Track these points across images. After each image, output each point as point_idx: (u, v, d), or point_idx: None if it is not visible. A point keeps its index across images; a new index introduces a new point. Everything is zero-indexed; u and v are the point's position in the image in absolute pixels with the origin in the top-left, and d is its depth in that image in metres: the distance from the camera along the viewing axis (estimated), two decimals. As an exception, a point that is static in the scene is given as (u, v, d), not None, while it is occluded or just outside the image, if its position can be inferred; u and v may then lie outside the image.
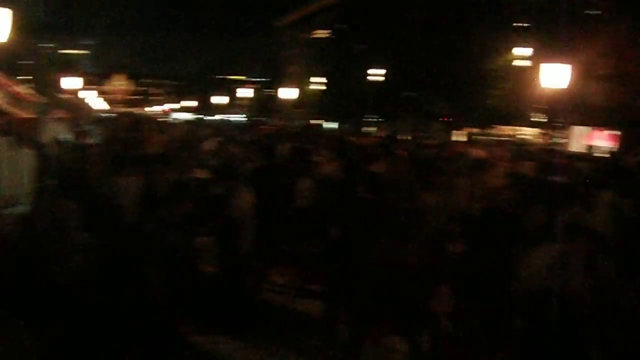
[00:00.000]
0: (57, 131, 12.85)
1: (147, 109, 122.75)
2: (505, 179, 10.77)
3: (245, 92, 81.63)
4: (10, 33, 20.00)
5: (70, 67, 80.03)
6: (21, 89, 14.77)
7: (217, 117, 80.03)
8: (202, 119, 70.47)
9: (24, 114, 9.69)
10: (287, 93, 39.67)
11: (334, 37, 49.06)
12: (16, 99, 12.85)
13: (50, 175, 8.97)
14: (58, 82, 35.19)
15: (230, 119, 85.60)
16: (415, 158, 13.49)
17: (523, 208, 7.87)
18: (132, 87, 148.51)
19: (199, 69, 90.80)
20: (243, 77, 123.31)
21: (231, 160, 11.57)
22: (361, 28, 40.01)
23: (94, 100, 76.26)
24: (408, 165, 11.81)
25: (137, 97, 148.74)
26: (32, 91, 15.23)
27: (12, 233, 7.32)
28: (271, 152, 12.89)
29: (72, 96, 30.65)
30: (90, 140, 16.37)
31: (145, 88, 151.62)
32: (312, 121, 47.95)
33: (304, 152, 12.45)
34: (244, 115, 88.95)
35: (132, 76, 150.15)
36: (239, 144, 15.05)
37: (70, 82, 32.94)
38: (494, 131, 38.33)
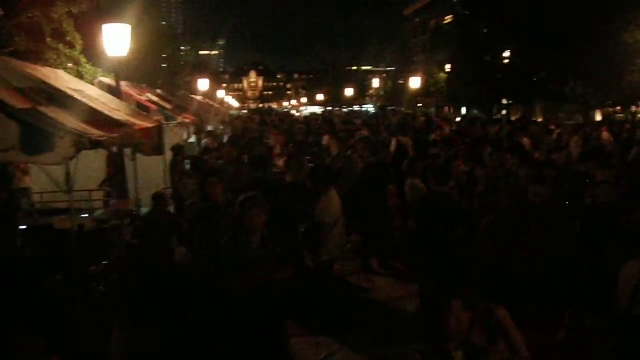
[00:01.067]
0: (180, 136, 13.16)
1: (284, 104, 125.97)
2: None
3: (375, 83, 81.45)
4: (136, 45, 20.94)
5: (204, 68, 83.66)
6: (148, 97, 15.18)
7: (347, 109, 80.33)
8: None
9: (146, 124, 9.77)
10: (414, 82, 38.88)
11: (456, 22, 47.53)
12: (141, 109, 13.18)
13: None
14: (192, 85, 36.50)
15: (361, 109, 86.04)
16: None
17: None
18: (264, 84, 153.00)
19: (329, 62, 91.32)
20: (371, 67, 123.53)
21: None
22: (485, 11, 38.31)
23: (228, 99, 78.95)
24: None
25: (270, 92, 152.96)
26: (158, 99, 15.62)
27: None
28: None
29: (202, 98, 31.47)
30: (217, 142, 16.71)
31: (276, 84, 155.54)
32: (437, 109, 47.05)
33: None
34: (373, 106, 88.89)
35: (264, 73, 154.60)
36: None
37: (202, 84, 34.00)
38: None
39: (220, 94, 55.05)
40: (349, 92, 67.19)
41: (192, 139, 16.14)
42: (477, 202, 8.95)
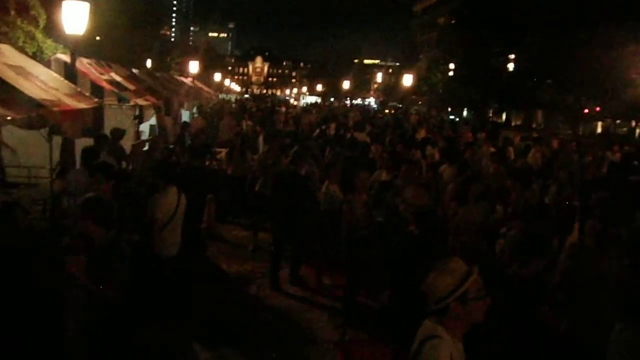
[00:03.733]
0: (123, 119, 13.08)
1: (286, 92, 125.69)
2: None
3: (378, 77, 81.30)
4: (110, 21, 20.82)
5: (209, 50, 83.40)
6: (111, 77, 15.04)
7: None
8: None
9: (80, 104, 9.69)
10: (407, 79, 38.63)
11: (458, 22, 47.24)
12: (94, 88, 13.08)
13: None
14: (183, 66, 36.23)
15: (363, 103, 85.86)
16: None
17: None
18: (269, 70, 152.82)
19: (335, 52, 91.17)
20: (377, 61, 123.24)
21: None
22: (489, 14, 37.99)
23: (227, 83, 78.72)
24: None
25: (274, 79, 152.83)
26: (123, 79, 15.46)
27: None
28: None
29: (191, 80, 31.26)
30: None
31: (281, 70, 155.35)
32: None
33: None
34: (372, 100, 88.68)
35: (270, 58, 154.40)
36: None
37: (192, 66, 33.70)
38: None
39: (217, 77, 54.71)
40: (346, 84, 66.90)
41: (150, 122, 16.02)
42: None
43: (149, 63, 31.02)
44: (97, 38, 19.67)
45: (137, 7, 25.67)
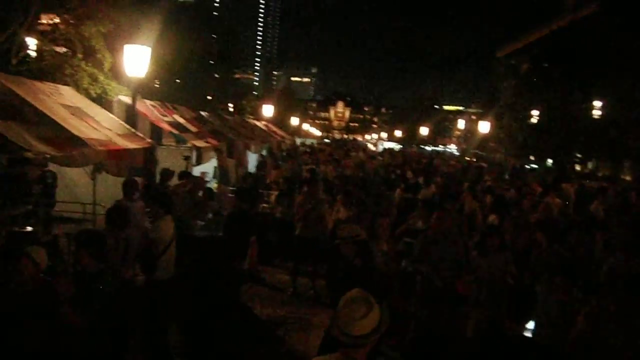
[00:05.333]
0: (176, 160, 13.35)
1: (366, 137, 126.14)
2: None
3: (460, 124, 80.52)
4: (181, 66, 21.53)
5: (289, 95, 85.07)
6: (174, 119, 15.48)
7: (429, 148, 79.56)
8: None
9: (131, 144, 9.98)
10: (483, 126, 38.03)
11: (538, 69, 46.35)
12: (154, 129, 13.46)
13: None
14: (258, 110, 36.94)
15: (444, 150, 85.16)
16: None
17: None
18: (350, 115, 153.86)
19: (415, 98, 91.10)
20: (460, 108, 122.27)
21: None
22: (575, 62, 37.18)
23: (307, 127, 79.71)
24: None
25: (356, 124, 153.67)
26: (186, 121, 15.88)
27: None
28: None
29: (264, 124, 31.82)
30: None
31: (362, 116, 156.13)
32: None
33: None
34: (454, 147, 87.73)
35: (352, 104, 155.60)
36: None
37: (267, 110, 34.30)
38: None
39: (294, 121, 55.48)
40: (424, 130, 66.45)
41: (208, 163, 16.26)
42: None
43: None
44: (157, 81, 20.25)
45: (210, 53, 26.51)
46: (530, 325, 5.46)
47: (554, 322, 5.49)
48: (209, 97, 30.20)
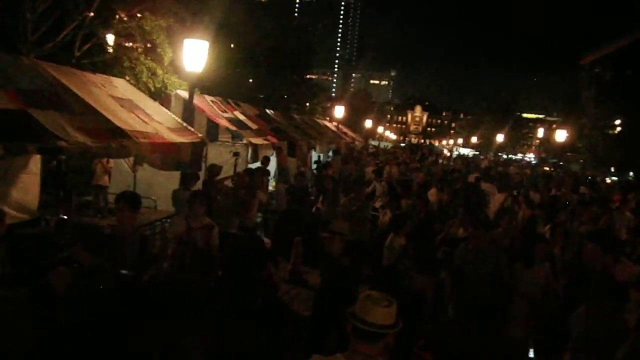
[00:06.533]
0: (244, 156, 13.12)
1: (443, 142, 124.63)
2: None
3: (540, 132, 78.19)
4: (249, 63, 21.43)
5: (364, 96, 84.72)
6: (235, 115, 15.33)
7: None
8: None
9: (180, 138, 9.81)
10: (560, 135, 36.49)
11: (627, 78, 44.43)
12: (210, 125, 13.31)
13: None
14: (329, 111, 36.71)
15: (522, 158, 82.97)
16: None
17: None
18: (428, 119, 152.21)
19: (492, 104, 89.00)
20: (540, 116, 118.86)
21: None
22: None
23: (381, 131, 78.96)
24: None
25: (433, 129, 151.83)
26: (247, 118, 15.74)
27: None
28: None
29: (334, 124, 31.55)
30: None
31: (440, 120, 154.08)
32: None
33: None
34: (533, 157, 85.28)
35: (429, 108, 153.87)
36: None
37: (338, 111, 33.96)
38: None
39: (368, 123, 55.01)
40: (500, 137, 64.70)
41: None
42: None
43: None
44: (223, 78, 20.22)
45: (282, 52, 26.40)
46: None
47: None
48: (284, 96, 30.21)
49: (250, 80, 23.78)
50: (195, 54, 12.10)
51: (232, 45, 20.16)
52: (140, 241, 6.16)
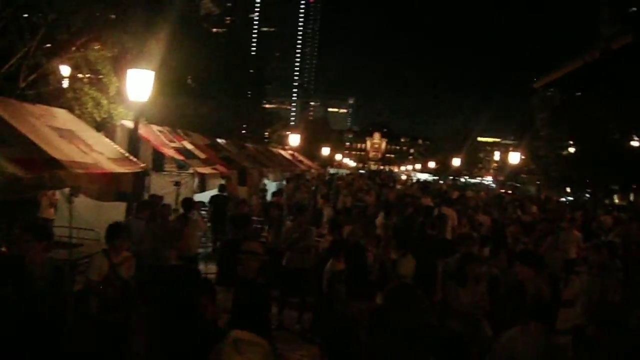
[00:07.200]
0: (190, 186, 13.03)
1: (402, 168, 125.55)
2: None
3: (496, 155, 79.68)
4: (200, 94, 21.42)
5: (322, 124, 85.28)
6: (182, 145, 15.26)
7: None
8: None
9: (120, 169, 9.70)
10: (513, 157, 37.25)
11: (578, 101, 45.53)
12: (156, 155, 13.23)
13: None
14: (284, 139, 36.80)
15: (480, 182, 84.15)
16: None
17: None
18: (387, 146, 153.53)
19: (449, 129, 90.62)
20: (497, 139, 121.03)
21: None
22: (610, 94, 36.35)
23: (340, 158, 79.25)
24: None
25: (392, 155, 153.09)
26: (195, 147, 15.68)
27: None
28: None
29: (289, 153, 31.61)
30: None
31: (399, 147, 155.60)
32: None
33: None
34: (489, 180, 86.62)
35: (388, 135, 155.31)
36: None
37: (293, 139, 34.00)
38: None
39: (325, 151, 55.17)
40: (456, 162, 65.61)
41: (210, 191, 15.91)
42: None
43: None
44: (177, 108, 20.15)
45: (235, 81, 26.48)
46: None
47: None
48: (240, 125, 30.21)
49: (200, 110, 23.72)
50: (139, 83, 12.09)
51: (187, 76, 20.17)
52: (55, 272, 6.04)
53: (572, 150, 45.60)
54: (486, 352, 5.52)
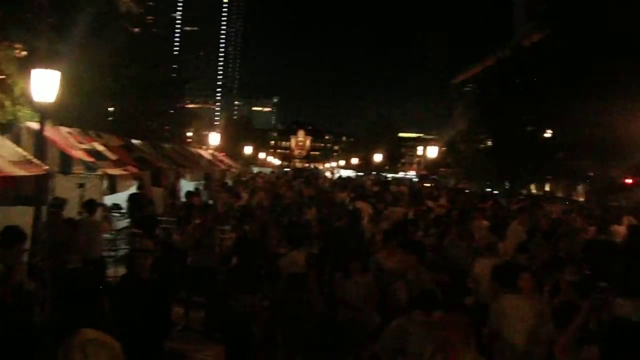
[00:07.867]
0: (98, 187, 12.90)
1: (326, 165, 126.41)
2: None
3: (419, 150, 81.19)
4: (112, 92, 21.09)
5: (245, 123, 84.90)
6: (93, 146, 15.04)
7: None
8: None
9: (21, 172, 9.54)
10: (431, 151, 38.21)
11: (492, 96, 46.97)
12: (63, 157, 13.01)
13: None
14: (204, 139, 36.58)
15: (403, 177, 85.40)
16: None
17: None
18: (311, 144, 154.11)
19: (373, 126, 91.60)
20: (420, 135, 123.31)
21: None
22: (522, 88, 37.56)
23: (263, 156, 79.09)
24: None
25: (317, 152, 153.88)
26: (107, 149, 15.47)
27: None
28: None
29: (209, 153, 31.47)
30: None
31: (323, 144, 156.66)
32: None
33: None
34: (413, 174, 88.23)
35: (313, 132, 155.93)
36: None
37: (213, 138, 33.83)
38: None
39: (248, 150, 55.11)
40: (378, 157, 66.69)
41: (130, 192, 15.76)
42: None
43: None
44: (89, 109, 19.78)
45: (151, 81, 26.15)
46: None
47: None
48: (155, 125, 29.76)
49: (113, 110, 23.33)
50: (44, 84, 11.84)
51: (102, 75, 19.79)
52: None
53: (489, 143, 47.05)
54: (375, 340, 5.75)
